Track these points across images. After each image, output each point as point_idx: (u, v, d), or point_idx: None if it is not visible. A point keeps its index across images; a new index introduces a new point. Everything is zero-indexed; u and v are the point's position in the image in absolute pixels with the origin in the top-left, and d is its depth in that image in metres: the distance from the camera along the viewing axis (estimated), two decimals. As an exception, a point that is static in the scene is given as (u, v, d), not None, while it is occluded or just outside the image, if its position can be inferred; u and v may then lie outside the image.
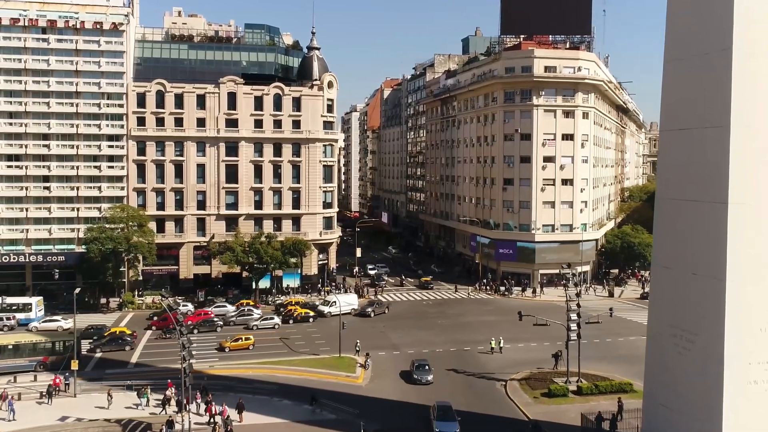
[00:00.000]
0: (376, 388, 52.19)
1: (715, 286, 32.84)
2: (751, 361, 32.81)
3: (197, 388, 47.76)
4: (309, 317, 75.05)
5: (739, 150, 32.12)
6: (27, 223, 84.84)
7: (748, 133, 32.17)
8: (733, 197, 32.17)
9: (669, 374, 36.42)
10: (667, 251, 36.98)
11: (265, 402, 48.15)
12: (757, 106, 32.13)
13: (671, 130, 36.73)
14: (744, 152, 32.17)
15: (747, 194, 32.26)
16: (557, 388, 49.72)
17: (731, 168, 32.12)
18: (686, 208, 35.07)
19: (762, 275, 32.57)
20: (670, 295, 36.60)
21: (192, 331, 66.09)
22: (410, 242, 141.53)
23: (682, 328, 35.33)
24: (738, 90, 31.99)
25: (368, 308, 79.67)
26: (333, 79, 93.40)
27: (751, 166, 32.27)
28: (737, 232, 32.21)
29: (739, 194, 32.18)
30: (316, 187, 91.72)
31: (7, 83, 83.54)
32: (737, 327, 32.42)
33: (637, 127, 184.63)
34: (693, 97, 34.87)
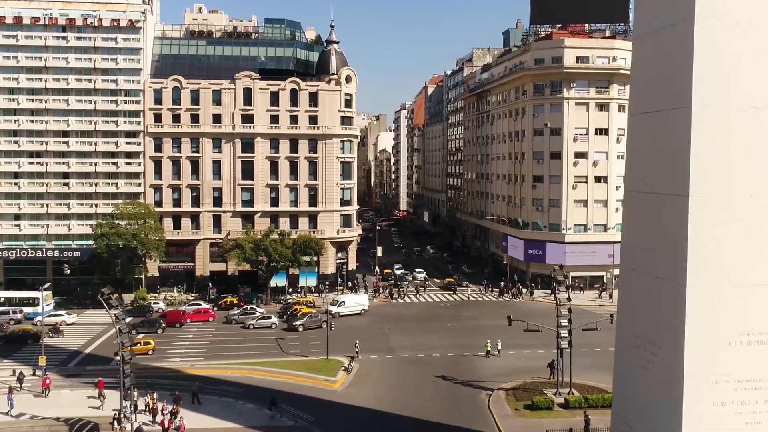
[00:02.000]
0: (351, 394, 49.40)
1: (677, 291, 28.45)
2: (719, 380, 28.17)
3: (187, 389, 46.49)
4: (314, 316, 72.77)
5: (701, 135, 27.57)
6: (48, 218, 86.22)
7: (713, 115, 27.59)
8: (695, 189, 27.72)
9: (633, 390, 32.09)
10: (632, 251, 32.62)
11: (227, 405, 46.19)
12: (724, 84, 27.61)
13: (638, 114, 32.35)
14: (707, 137, 27.59)
15: (711, 186, 27.74)
16: (541, 400, 45.60)
17: (693, 155, 27.61)
18: (650, 201, 30.72)
19: (731, 280, 27.99)
20: (634, 301, 32.24)
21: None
22: (450, 242, 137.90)
23: (646, 339, 30.96)
24: (701, 64, 27.55)
25: (298, 321, 69.10)
26: (351, 73, 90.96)
27: (716, 154, 27.73)
28: (700, 230, 27.70)
29: (702, 186, 27.67)
30: (333, 184, 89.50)
31: (29, 81, 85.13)
32: (701, 339, 27.89)
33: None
34: (660, 76, 30.44)
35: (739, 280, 27.93)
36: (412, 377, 53.63)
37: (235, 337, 66.18)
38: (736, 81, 27.67)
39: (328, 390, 50.11)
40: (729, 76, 27.66)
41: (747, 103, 27.62)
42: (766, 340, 28.20)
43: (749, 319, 28.07)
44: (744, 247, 27.84)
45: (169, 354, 59.94)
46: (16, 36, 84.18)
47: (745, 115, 27.60)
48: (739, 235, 27.82)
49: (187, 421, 42.75)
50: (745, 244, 27.84)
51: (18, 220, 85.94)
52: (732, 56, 27.63)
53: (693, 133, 27.71)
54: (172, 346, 62.77)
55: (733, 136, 27.79)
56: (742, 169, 27.81)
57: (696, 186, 27.74)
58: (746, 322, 28.10)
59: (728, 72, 27.66)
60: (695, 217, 27.81)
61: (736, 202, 27.77)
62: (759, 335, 28.32)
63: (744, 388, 28.19)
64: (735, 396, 28.18)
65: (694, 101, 27.63)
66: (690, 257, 27.80)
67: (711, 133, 27.67)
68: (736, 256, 27.90)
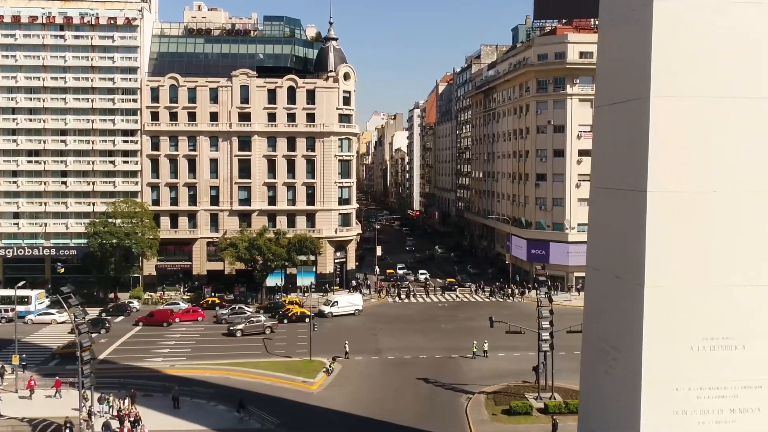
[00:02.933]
0: (326, 396, 48.20)
1: (635, 292, 26.82)
2: (680, 387, 26.42)
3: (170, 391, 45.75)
4: (305, 317, 71.71)
5: (660, 126, 25.86)
6: (46, 217, 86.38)
7: (672, 105, 25.92)
8: (654, 184, 26.03)
9: (597, 396, 30.51)
10: (595, 249, 31.00)
11: (198, 406, 45.28)
12: (683, 73, 25.89)
13: (602, 106, 30.75)
14: (666, 129, 25.91)
15: (670, 181, 26.03)
16: (519, 405, 43.96)
17: (651, 148, 25.96)
18: (612, 198, 29.13)
19: (693, 281, 26.27)
20: (597, 303, 30.66)
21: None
22: (459, 242, 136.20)
23: (608, 342, 29.32)
24: (660, 53, 25.92)
25: (238, 326, 65.91)
26: (350, 70, 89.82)
27: (676, 146, 26.03)
28: (658, 228, 25.99)
29: (661, 181, 25.95)
30: (331, 183, 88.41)
31: (27, 80, 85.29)
32: (660, 344, 26.19)
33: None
34: (622, 66, 28.80)
35: (701, 280, 26.23)
36: (394, 379, 52.30)
37: (221, 337, 65.38)
38: (696, 70, 25.96)
39: (305, 392, 48.96)
40: (688, 66, 25.97)
41: (707, 93, 25.92)
42: (731, 345, 26.46)
43: (712, 323, 26.33)
44: (706, 246, 26.10)
45: (153, 354, 59.29)
46: (15, 35, 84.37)
47: (705, 106, 25.89)
48: (700, 233, 26.09)
49: (156, 422, 42.03)
50: (707, 242, 26.10)
51: (16, 218, 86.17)
52: (692, 44, 25.96)
53: (651, 125, 26.14)
54: (157, 345, 62.14)
55: (694, 128, 26.10)
56: (703, 163, 26.08)
57: (654, 181, 26.10)
58: (709, 326, 26.37)
59: (688, 61, 25.99)
60: (653, 214, 26.20)
61: (698, 198, 26.07)
62: (723, 340, 26.57)
63: (707, 396, 26.47)
64: (697, 404, 26.45)
65: (653, 91, 26.03)
66: (648, 256, 26.18)
67: (670, 124, 26.02)
68: (698, 256, 26.19)
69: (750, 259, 26.16)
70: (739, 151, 26.02)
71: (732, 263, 26.12)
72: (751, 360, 26.27)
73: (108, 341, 63.55)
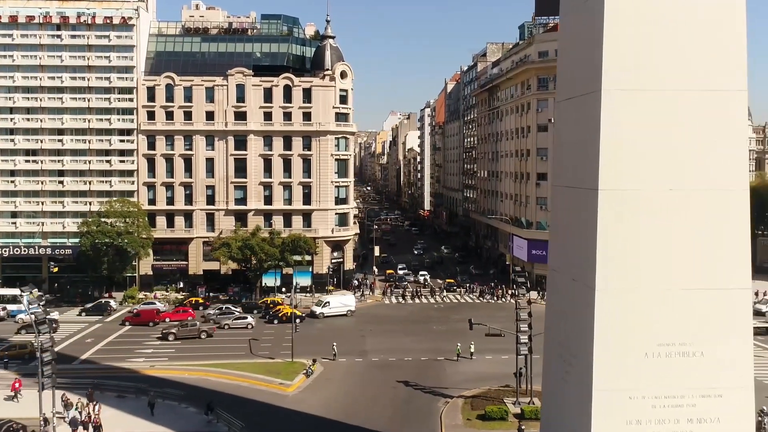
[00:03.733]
0: (301, 399, 47.28)
1: (587, 295, 25.57)
2: (634, 395, 25.08)
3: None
4: (296, 318, 70.87)
5: (612, 121, 24.64)
6: (43, 216, 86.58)
7: (625, 99, 24.63)
8: (606, 182, 24.74)
9: (556, 403, 29.31)
10: (555, 250, 29.83)
11: (169, 408, 44.57)
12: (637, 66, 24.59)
13: (561, 101, 29.53)
14: (619, 124, 24.62)
15: (623, 178, 24.74)
16: (494, 410, 42.71)
17: (602, 143, 24.72)
18: (568, 196, 27.91)
19: (647, 284, 24.92)
20: (556, 306, 29.45)
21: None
22: (465, 242, 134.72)
23: (564, 347, 28.11)
24: (612, 42, 24.67)
25: (171, 329, 64.15)
26: (347, 68, 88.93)
27: (629, 142, 24.74)
28: (611, 227, 24.71)
29: (613, 178, 24.67)
30: (327, 182, 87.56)
31: (25, 80, 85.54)
32: (612, 349, 24.89)
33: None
34: (578, 59, 27.59)
35: (656, 283, 24.88)
36: (373, 382, 51.28)
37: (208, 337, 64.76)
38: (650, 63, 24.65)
39: (280, 394, 48.11)
40: (642, 58, 24.70)
41: (661, 87, 24.62)
42: (689, 352, 25.09)
43: (668, 328, 24.98)
44: (660, 248, 24.78)
45: (136, 354, 58.86)
46: (12, 35, 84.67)
47: (659, 100, 24.59)
48: (655, 233, 24.78)
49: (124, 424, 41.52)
50: (662, 243, 24.78)
51: (14, 217, 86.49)
52: (645, 35, 24.67)
53: (602, 120, 24.94)
54: (142, 345, 61.74)
55: (647, 123, 24.79)
56: (657, 160, 24.75)
57: (606, 178, 24.87)
58: (665, 332, 25.02)
59: (641, 53, 24.72)
60: (605, 213, 24.96)
61: (652, 196, 24.75)
62: (680, 346, 25.21)
63: (663, 405, 25.15)
64: (652, 414, 25.12)
65: (604, 84, 24.82)
66: (599, 258, 24.95)
67: (622, 119, 24.78)
68: (653, 257, 24.84)
69: (707, 261, 24.78)
70: (694, 147, 24.69)
71: (688, 266, 24.77)
72: (710, 367, 24.90)
73: (94, 341, 63.37)
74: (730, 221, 24.86)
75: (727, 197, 24.79)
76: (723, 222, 24.80)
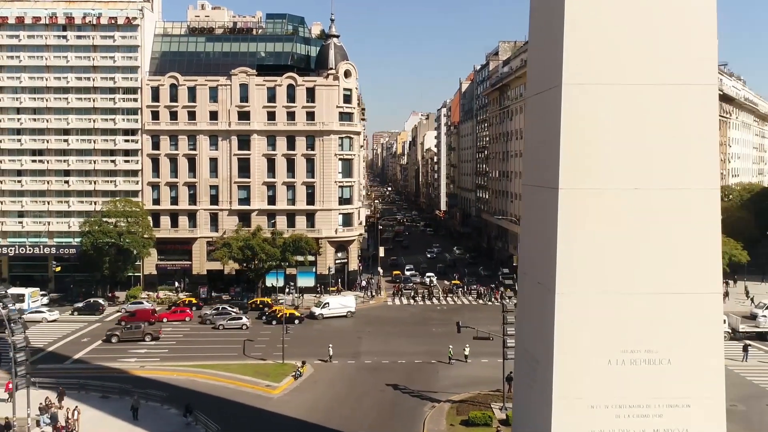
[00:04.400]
0: (285, 402, 46.60)
1: (549, 299, 24.49)
2: (596, 404, 23.93)
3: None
4: (294, 318, 70.53)
5: (573, 117, 23.59)
6: (49, 216, 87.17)
7: (586, 94, 23.50)
8: (566, 180, 23.64)
9: (524, 410, 28.23)
10: (523, 252, 28.76)
11: (151, 410, 44.11)
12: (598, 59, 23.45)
13: (530, 96, 28.45)
14: (580, 120, 23.55)
15: (585, 176, 23.61)
16: (478, 416, 41.60)
17: (563, 141, 23.67)
18: (534, 195, 26.86)
19: (610, 288, 23.73)
20: (524, 310, 28.40)
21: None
22: (478, 243, 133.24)
23: (530, 353, 27.07)
24: (573, 34, 23.58)
25: (115, 332, 63.25)
26: (351, 67, 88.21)
27: (591, 139, 23.60)
28: (572, 228, 23.64)
29: (574, 176, 23.57)
30: (331, 182, 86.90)
31: (31, 80, 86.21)
32: (573, 356, 23.78)
33: (758, 118, 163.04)
34: (545, 52, 26.55)
35: (620, 287, 23.73)
36: (362, 385, 50.44)
37: (203, 338, 64.63)
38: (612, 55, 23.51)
39: (265, 397, 47.49)
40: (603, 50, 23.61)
41: (625, 80, 23.47)
42: (655, 359, 23.89)
43: (633, 334, 23.80)
44: (625, 250, 23.61)
45: (129, 354, 58.71)
46: (19, 36, 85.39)
47: (621, 94, 23.46)
48: (620, 234, 23.61)
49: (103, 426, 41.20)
50: (628, 245, 23.61)
51: (21, 217, 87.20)
52: (607, 27, 23.55)
53: (563, 114, 23.92)
54: (137, 345, 61.58)
55: (609, 119, 23.68)
56: (620, 158, 23.60)
57: (566, 177, 23.80)
58: (630, 338, 23.84)
59: (602, 45, 23.63)
60: (566, 213, 23.90)
61: (617, 195, 23.61)
62: (646, 353, 24.01)
63: (627, 415, 23.99)
64: (616, 424, 23.95)
65: (565, 78, 23.77)
66: (559, 259, 23.88)
67: (584, 114, 23.70)
68: (617, 260, 23.69)
69: (675, 264, 23.56)
70: (661, 144, 23.48)
71: (655, 269, 23.59)
72: (678, 376, 23.67)
73: (89, 340, 63.42)
74: (700, 222, 23.61)
75: (697, 197, 23.56)
76: (692, 223, 23.56)
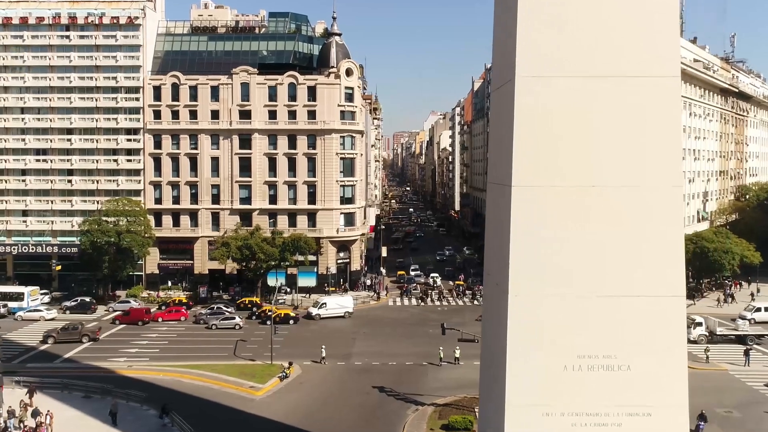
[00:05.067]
0: (267, 404, 45.97)
1: (503, 300, 23.49)
2: (551, 412, 22.83)
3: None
4: (289, 319, 70.01)
5: (526, 110, 22.54)
6: (53, 215, 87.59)
7: (539, 87, 22.44)
8: (519, 177, 22.59)
9: (483, 415, 27.32)
10: (487, 252, 27.71)
11: (131, 410, 43.72)
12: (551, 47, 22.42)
13: (492, 91, 27.48)
14: (534, 113, 22.52)
15: (538, 174, 22.58)
16: (458, 420, 40.62)
17: (516, 134, 22.64)
18: (493, 193, 25.87)
19: (567, 290, 22.62)
20: (487, 312, 27.40)
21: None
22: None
23: (489, 357, 26.09)
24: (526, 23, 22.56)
25: (51, 333, 61.76)
26: (352, 66, 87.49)
27: (544, 134, 22.54)
28: (525, 228, 22.60)
29: (527, 173, 22.53)
30: (332, 182, 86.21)
31: (35, 80, 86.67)
32: (527, 361, 22.79)
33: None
34: (504, 42, 25.51)
35: (577, 289, 22.64)
36: (348, 387, 49.64)
37: (195, 338, 64.26)
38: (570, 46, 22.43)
39: (247, 398, 46.87)
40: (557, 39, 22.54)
41: (581, 72, 22.39)
42: (614, 365, 22.76)
43: (591, 339, 22.72)
44: (583, 250, 22.51)
45: (120, 353, 58.51)
46: (23, 36, 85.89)
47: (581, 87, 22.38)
48: (577, 234, 22.52)
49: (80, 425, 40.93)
50: (585, 245, 22.52)
51: (25, 216, 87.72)
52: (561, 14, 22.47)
53: (516, 108, 22.99)
54: (128, 345, 61.42)
55: (567, 112, 22.59)
56: (576, 154, 22.53)
57: (520, 173, 22.83)
58: (587, 342, 22.74)
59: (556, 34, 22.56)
60: (519, 212, 22.93)
61: (572, 193, 22.53)
62: (604, 358, 22.88)
63: (584, 424, 22.93)
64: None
65: (518, 71, 22.80)
66: (512, 259, 22.92)
67: (538, 108, 22.67)
68: (574, 260, 22.61)
69: (635, 265, 22.43)
70: (620, 139, 22.36)
71: (614, 270, 22.49)
72: (638, 382, 22.54)
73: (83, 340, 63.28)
74: (663, 222, 22.44)
75: (659, 195, 22.40)
76: (654, 223, 22.40)
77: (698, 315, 66.06)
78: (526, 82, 22.58)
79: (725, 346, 59.75)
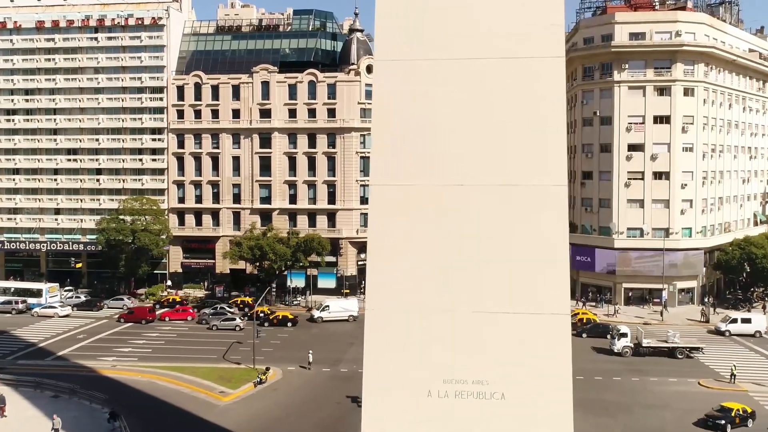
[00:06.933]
0: (229, 411, 44.50)
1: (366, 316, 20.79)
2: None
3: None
4: (288, 321, 68.57)
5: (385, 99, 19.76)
6: (82, 213, 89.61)
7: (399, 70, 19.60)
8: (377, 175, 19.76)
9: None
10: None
11: (89, 411, 43.16)
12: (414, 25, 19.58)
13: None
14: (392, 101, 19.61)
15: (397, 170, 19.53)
16: None
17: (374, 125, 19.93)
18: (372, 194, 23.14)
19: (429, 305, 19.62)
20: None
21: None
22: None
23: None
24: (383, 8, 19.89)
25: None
26: (373, 62, 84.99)
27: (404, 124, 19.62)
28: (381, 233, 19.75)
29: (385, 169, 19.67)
30: (352, 181, 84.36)
31: (66, 81, 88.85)
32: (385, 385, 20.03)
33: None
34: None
35: (442, 305, 19.64)
36: (321, 396, 47.58)
37: (193, 338, 63.75)
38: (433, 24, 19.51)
39: (212, 404, 45.52)
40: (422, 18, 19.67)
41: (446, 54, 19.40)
42: (485, 392, 19.55)
43: (459, 362, 19.56)
44: (449, 259, 19.55)
45: (111, 353, 58.50)
46: (54, 39, 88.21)
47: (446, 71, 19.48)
48: (441, 241, 19.55)
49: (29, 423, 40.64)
50: (452, 254, 19.55)
51: (57, 214, 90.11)
52: None
53: (375, 97, 20.34)
54: (124, 344, 61.45)
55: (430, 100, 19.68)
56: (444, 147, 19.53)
57: (378, 169, 20.11)
58: (455, 366, 19.61)
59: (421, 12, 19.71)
60: (377, 213, 20.25)
61: (435, 193, 19.60)
62: (475, 385, 19.67)
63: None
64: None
65: (377, 54, 20.33)
66: (370, 269, 20.04)
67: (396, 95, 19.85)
68: (438, 272, 19.60)
69: (511, 278, 19.24)
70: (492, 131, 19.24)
71: (486, 283, 19.37)
72: (515, 413, 19.29)
73: (84, 337, 63.94)
74: (544, 227, 19.16)
75: (536, 195, 19.14)
76: (534, 228, 19.17)
77: (624, 325, 63.05)
78: (386, 66, 19.97)
79: (751, 364, 54.38)
